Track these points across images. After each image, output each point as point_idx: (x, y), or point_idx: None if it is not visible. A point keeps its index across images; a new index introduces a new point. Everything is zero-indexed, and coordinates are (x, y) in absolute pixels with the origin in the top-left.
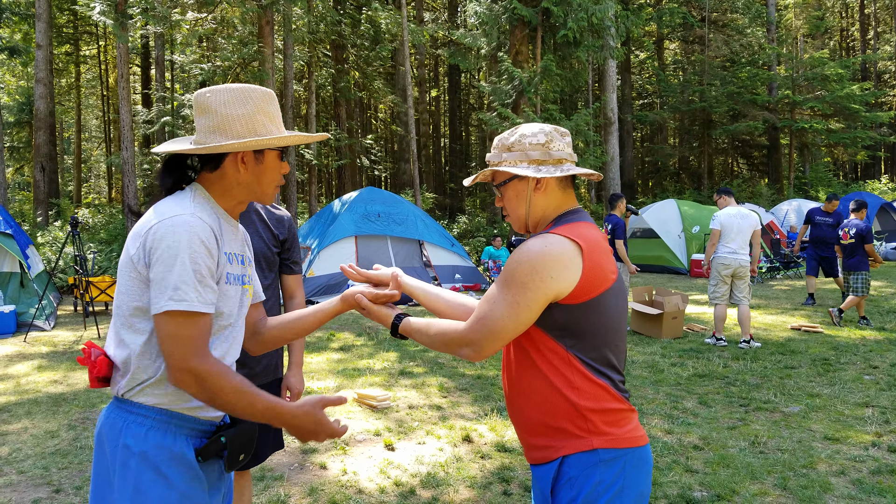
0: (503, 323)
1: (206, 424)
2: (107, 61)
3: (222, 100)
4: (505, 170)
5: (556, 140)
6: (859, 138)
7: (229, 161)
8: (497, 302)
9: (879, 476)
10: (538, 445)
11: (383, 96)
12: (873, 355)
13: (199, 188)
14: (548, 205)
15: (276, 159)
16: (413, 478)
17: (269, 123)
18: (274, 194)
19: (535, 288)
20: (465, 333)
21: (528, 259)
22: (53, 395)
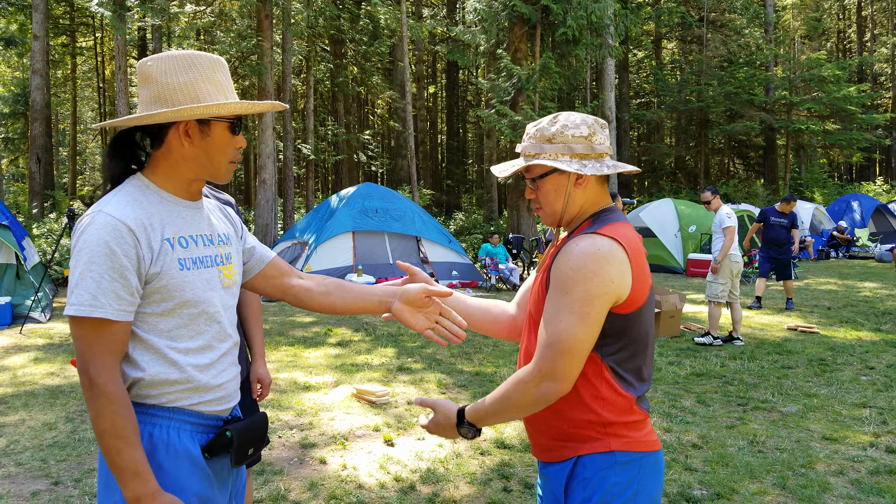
0: (578, 338)
1: (212, 419)
2: (103, 53)
3: (163, 68)
4: (547, 163)
5: (598, 133)
6: (855, 140)
7: (172, 134)
8: (564, 318)
9: (878, 476)
10: (551, 446)
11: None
12: (869, 356)
13: (137, 178)
14: (585, 200)
15: (226, 131)
16: (413, 473)
17: (214, 92)
18: (229, 171)
19: (601, 294)
20: (539, 368)
21: (586, 264)
22: (50, 387)
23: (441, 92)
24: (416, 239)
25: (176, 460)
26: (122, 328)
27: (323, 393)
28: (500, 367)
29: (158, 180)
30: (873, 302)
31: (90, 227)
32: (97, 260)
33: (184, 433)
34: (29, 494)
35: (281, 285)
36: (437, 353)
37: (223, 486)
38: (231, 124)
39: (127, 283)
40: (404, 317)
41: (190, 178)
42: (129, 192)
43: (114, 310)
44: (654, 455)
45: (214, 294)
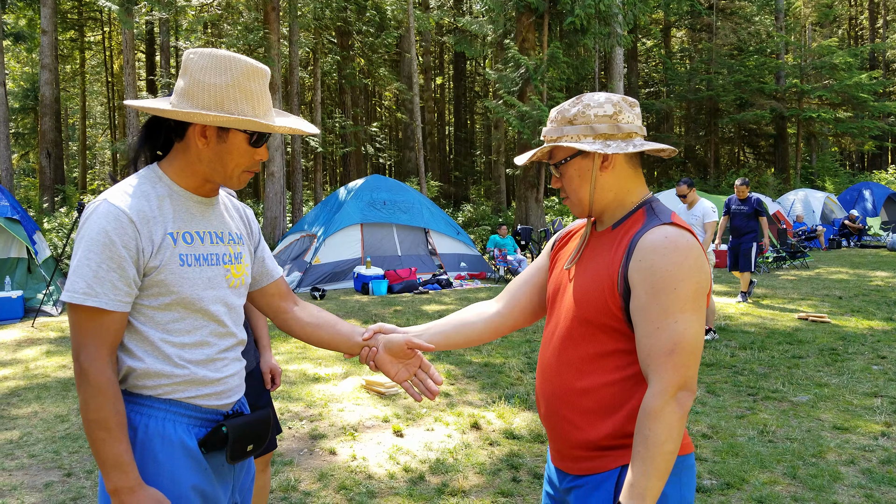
0: (699, 336)
1: (210, 413)
2: (111, 47)
3: (201, 64)
4: (567, 145)
5: (625, 111)
6: (867, 128)
7: (191, 131)
8: (679, 318)
9: (889, 466)
10: (588, 456)
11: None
12: (881, 346)
13: (151, 169)
14: (617, 185)
15: (244, 142)
16: (422, 464)
17: (242, 101)
18: (242, 180)
19: (705, 287)
20: (669, 383)
21: (688, 257)
22: (62, 379)
23: (448, 83)
24: (424, 231)
25: (171, 451)
26: (117, 318)
27: (332, 384)
28: (510, 357)
29: (173, 173)
30: (885, 291)
31: (93, 215)
32: (95, 248)
33: (179, 425)
34: (42, 486)
35: (276, 307)
36: None
37: (223, 482)
38: (250, 136)
39: (124, 274)
40: (385, 366)
41: (203, 177)
42: (140, 182)
43: (109, 299)
44: (690, 457)
45: (216, 292)
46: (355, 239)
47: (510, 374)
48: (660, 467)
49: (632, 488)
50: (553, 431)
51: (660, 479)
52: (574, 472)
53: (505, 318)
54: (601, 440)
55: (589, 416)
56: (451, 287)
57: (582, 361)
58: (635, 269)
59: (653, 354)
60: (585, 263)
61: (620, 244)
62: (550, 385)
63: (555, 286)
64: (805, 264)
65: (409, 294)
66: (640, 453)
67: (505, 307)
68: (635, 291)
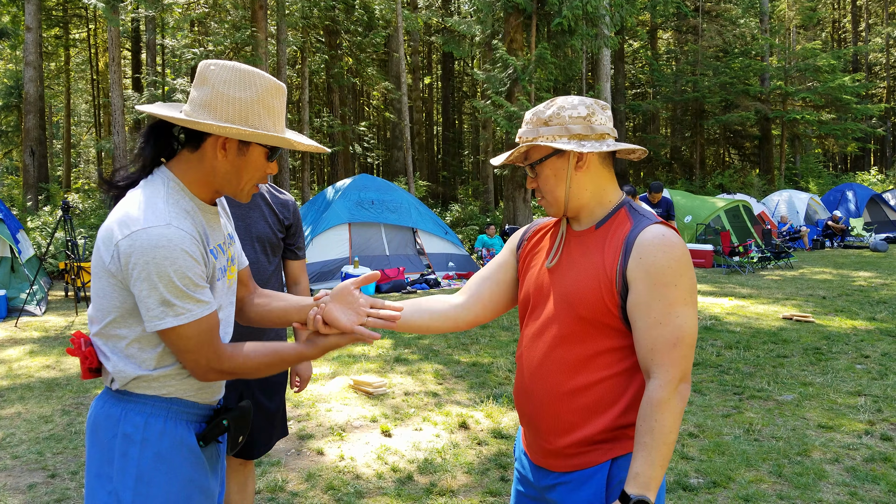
0: (695, 329)
1: (206, 408)
2: (97, 45)
3: (223, 77)
4: (543, 144)
5: (598, 113)
6: (850, 130)
7: (210, 143)
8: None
9: (873, 463)
10: (580, 453)
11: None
12: (864, 345)
13: (171, 179)
14: (592, 185)
15: (262, 157)
16: (410, 464)
17: (265, 116)
18: (250, 194)
19: (696, 284)
20: (672, 375)
21: (683, 253)
22: (46, 380)
23: (437, 83)
24: (412, 230)
25: (174, 447)
26: (216, 312)
27: (320, 384)
28: (497, 357)
29: (188, 184)
30: (868, 291)
31: (159, 242)
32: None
33: (179, 422)
34: (25, 487)
35: (239, 296)
36: (434, 345)
37: (214, 474)
38: (269, 151)
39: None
40: (334, 316)
41: (214, 189)
42: (174, 200)
43: (209, 300)
44: None
45: (224, 299)
46: (343, 238)
47: (498, 374)
48: (664, 457)
49: (638, 478)
50: (542, 431)
51: (663, 468)
52: (560, 469)
53: (467, 311)
54: (595, 435)
55: (584, 412)
56: (439, 287)
57: (577, 360)
58: (634, 266)
59: (656, 348)
60: (570, 262)
61: (612, 243)
62: (542, 384)
63: (535, 285)
64: (789, 265)
65: (398, 294)
66: (646, 444)
67: (467, 301)
68: (634, 288)
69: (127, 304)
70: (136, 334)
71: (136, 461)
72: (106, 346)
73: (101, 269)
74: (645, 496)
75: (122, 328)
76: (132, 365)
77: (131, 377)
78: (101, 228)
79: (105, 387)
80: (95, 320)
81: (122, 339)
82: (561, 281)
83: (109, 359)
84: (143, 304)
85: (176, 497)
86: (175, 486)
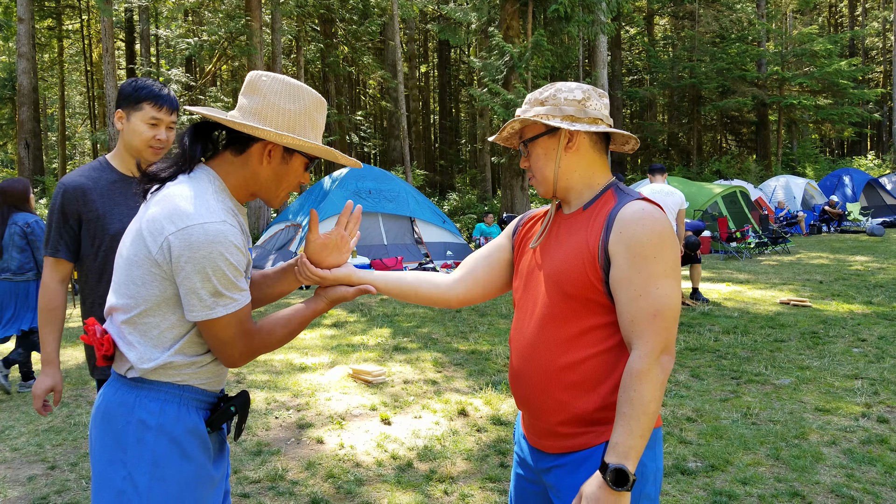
0: (678, 301)
1: (212, 395)
2: (90, 36)
3: (275, 88)
4: (534, 119)
5: (593, 99)
6: (846, 115)
7: (256, 149)
8: (660, 284)
9: (869, 446)
10: (574, 433)
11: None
12: (861, 328)
13: (216, 178)
14: (581, 167)
15: (302, 166)
16: (410, 451)
17: (309, 128)
18: (283, 201)
19: (679, 257)
20: (654, 346)
21: (664, 228)
22: None
23: (433, 71)
24: (410, 219)
25: (187, 432)
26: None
27: (319, 374)
28: (496, 345)
29: (231, 187)
30: (864, 275)
31: (215, 237)
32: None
33: (192, 409)
34: (25, 479)
35: None
36: (433, 333)
37: (220, 460)
38: (309, 161)
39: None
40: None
41: (251, 192)
42: (222, 198)
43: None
44: (661, 429)
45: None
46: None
47: (497, 361)
48: (644, 427)
49: (617, 447)
50: (535, 411)
51: (643, 438)
52: (555, 450)
53: (459, 286)
54: (589, 413)
55: (575, 389)
56: None
57: (566, 338)
58: (616, 241)
59: (636, 320)
60: (558, 243)
61: (596, 221)
62: (533, 364)
63: (527, 268)
64: (786, 250)
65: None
66: (625, 413)
67: (461, 277)
68: (616, 262)
69: (166, 294)
70: (169, 323)
71: (151, 447)
72: (133, 334)
73: (144, 259)
74: (623, 465)
75: (155, 317)
76: (158, 353)
77: (158, 364)
78: (148, 218)
79: (115, 375)
80: (125, 308)
81: (155, 327)
82: (549, 261)
83: (135, 347)
84: (194, 294)
85: (189, 481)
86: (189, 471)
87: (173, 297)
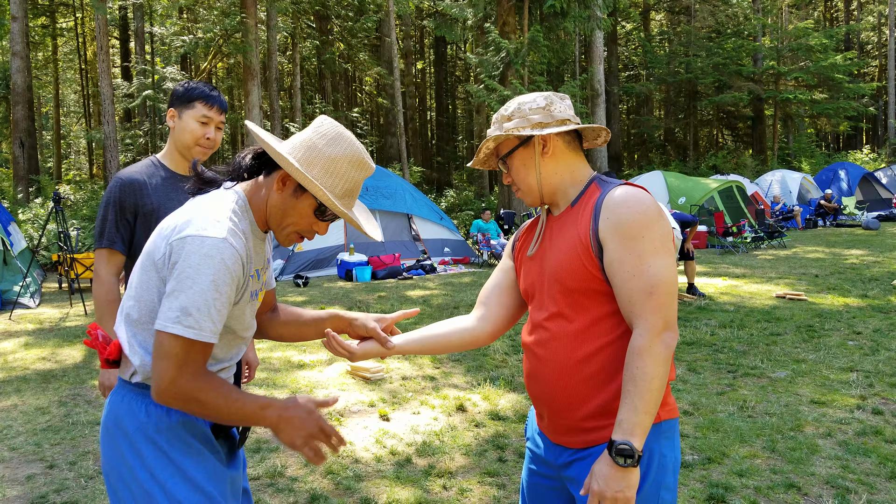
0: (674, 275)
1: None
2: (84, 34)
3: (322, 130)
4: (505, 134)
5: (556, 103)
6: (842, 109)
7: (278, 174)
8: (652, 262)
9: (864, 437)
10: (596, 427)
11: (369, 68)
12: (856, 321)
13: (242, 199)
14: (562, 169)
15: (310, 209)
16: (409, 447)
17: (329, 177)
18: (289, 239)
19: (669, 233)
20: (653, 324)
21: (649, 206)
22: (42, 371)
23: (429, 68)
24: (407, 216)
25: (196, 436)
26: (210, 348)
27: (317, 371)
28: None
29: (252, 205)
30: (860, 269)
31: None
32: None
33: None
34: (24, 478)
35: (260, 314)
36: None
37: (234, 461)
38: (320, 208)
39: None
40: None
41: (265, 219)
42: (239, 217)
43: (217, 333)
44: (676, 420)
45: (251, 321)
46: (338, 225)
47: (495, 357)
48: (648, 403)
49: (622, 424)
50: (556, 408)
51: (648, 414)
52: (577, 445)
53: (485, 323)
54: (609, 402)
55: (593, 381)
56: (435, 272)
57: (576, 332)
58: (604, 226)
59: (633, 300)
60: (553, 244)
61: (584, 212)
62: (548, 363)
63: (529, 277)
64: (782, 244)
65: (393, 280)
66: (629, 391)
67: (483, 315)
68: (607, 246)
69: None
70: None
71: (166, 449)
72: (136, 338)
73: (150, 263)
74: (628, 441)
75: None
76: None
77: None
78: (162, 225)
79: (120, 381)
80: (131, 311)
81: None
82: (547, 263)
83: (138, 352)
84: (169, 300)
85: (210, 477)
86: (207, 468)
87: None
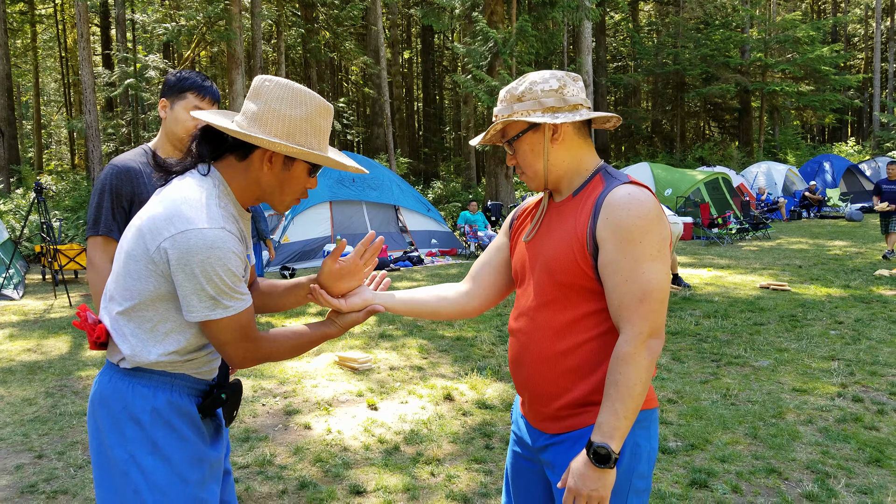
0: (666, 283)
1: (203, 384)
2: (64, 21)
3: (277, 94)
4: (518, 119)
5: (569, 85)
6: (828, 101)
7: (257, 155)
8: (646, 268)
9: (844, 424)
10: (572, 414)
11: (355, 57)
12: (838, 311)
13: (222, 182)
14: (570, 156)
15: (305, 173)
16: (397, 435)
17: (311, 135)
18: (290, 206)
19: (667, 236)
20: (640, 330)
21: (650, 209)
22: (28, 363)
23: (416, 57)
24: (394, 208)
25: (181, 418)
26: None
27: (305, 361)
28: (481, 331)
29: (233, 188)
30: (843, 260)
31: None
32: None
33: (183, 394)
34: (13, 468)
35: None
36: (418, 320)
37: (217, 444)
38: (312, 167)
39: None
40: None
41: (255, 197)
42: (224, 203)
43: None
44: (657, 410)
45: None
46: (324, 217)
47: (482, 347)
48: (629, 408)
49: (602, 427)
50: (536, 396)
51: (628, 419)
52: (554, 430)
53: (472, 297)
54: (585, 397)
55: (572, 375)
56: (422, 264)
57: (561, 325)
58: (602, 226)
59: (624, 304)
60: (550, 232)
61: (585, 207)
62: (532, 351)
63: (521, 260)
64: (767, 235)
65: (380, 271)
66: (611, 395)
67: (471, 288)
68: (603, 247)
69: (161, 290)
70: (162, 318)
71: (148, 430)
72: (127, 325)
73: (141, 254)
74: (607, 444)
75: (149, 311)
76: (151, 347)
77: (150, 362)
78: (149, 216)
79: (108, 364)
80: (121, 299)
81: (148, 321)
82: (541, 251)
83: (128, 339)
84: (193, 296)
85: (189, 460)
86: (187, 451)
87: (168, 294)
